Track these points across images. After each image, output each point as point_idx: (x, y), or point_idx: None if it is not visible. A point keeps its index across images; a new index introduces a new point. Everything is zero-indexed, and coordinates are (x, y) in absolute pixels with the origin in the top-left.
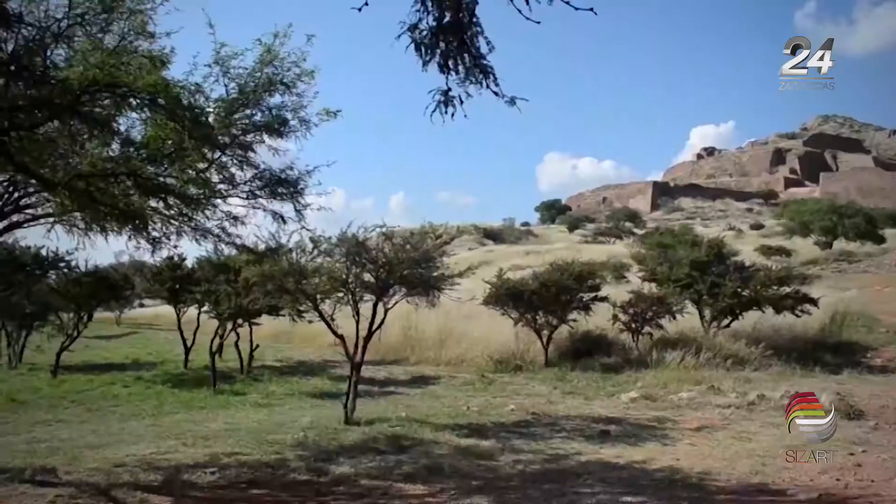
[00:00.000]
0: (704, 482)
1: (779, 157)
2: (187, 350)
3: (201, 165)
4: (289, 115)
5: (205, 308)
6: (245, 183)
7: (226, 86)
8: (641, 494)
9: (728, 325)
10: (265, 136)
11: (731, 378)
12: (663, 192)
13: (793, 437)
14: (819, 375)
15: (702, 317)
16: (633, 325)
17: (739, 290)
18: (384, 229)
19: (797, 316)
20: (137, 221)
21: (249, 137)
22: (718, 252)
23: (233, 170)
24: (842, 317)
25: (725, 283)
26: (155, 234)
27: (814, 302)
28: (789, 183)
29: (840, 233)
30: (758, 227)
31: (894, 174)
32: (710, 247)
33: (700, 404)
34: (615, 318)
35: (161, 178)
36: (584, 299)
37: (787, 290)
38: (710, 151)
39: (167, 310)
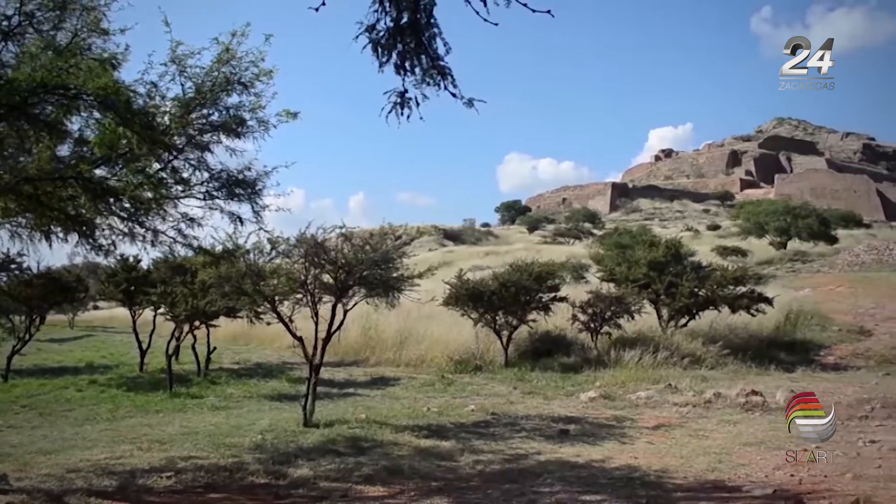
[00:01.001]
0: (662, 480)
1: (735, 158)
2: (143, 353)
3: (156, 167)
4: (247, 115)
5: (161, 310)
6: (201, 184)
7: (182, 85)
8: (600, 493)
9: (685, 325)
10: (222, 137)
11: (688, 377)
12: (622, 193)
13: (748, 434)
14: (774, 373)
15: (659, 316)
16: (592, 325)
17: (696, 289)
18: (343, 230)
19: (752, 315)
20: (85, 227)
21: (206, 137)
22: (676, 252)
23: (189, 171)
24: (796, 316)
25: (682, 283)
26: (103, 241)
27: (768, 301)
28: (745, 184)
29: (794, 233)
30: (714, 227)
31: (846, 176)
32: (668, 247)
33: (658, 403)
34: (574, 318)
35: (112, 181)
36: (544, 299)
37: (743, 289)
38: (667, 153)
39: (122, 312)
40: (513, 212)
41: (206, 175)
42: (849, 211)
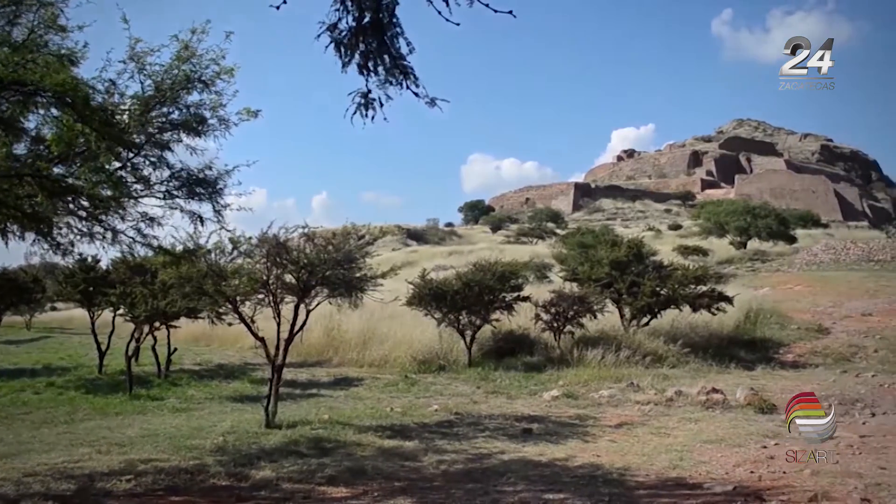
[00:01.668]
0: (624, 477)
1: (696, 159)
2: (102, 354)
3: (115, 165)
4: (207, 114)
5: (120, 311)
6: (161, 183)
7: (141, 83)
8: (563, 491)
9: (647, 324)
10: (183, 135)
11: (649, 375)
12: (585, 193)
13: (709, 431)
14: (734, 371)
15: (622, 315)
16: (555, 325)
17: (658, 288)
18: (306, 230)
19: (713, 314)
20: (42, 226)
21: (166, 136)
22: (637, 252)
23: (148, 169)
24: (755, 314)
25: (644, 283)
26: (61, 239)
27: (729, 300)
28: (706, 184)
29: (754, 233)
30: (676, 227)
31: (805, 176)
32: (630, 247)
33: (620, 401)
34: (537, 317)
35: (70, 179)
36: (507, 299)
37: (704, 288)
38: (629, 153)
39: (80, 313)
40: (476, 211)
41: (166, 174)
42: (807, 211)
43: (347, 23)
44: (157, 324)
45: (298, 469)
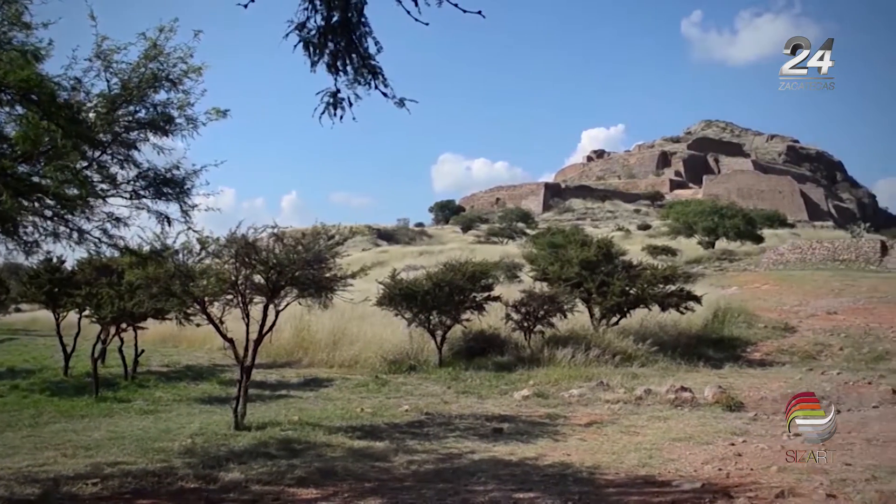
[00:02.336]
0: (594, 476)
1: (664, 159)
2: (67, 356)
3: (81, 164)
4: (175, 113)
5: (86, 312)
6: (128, 182)
7: (108, 81)
8: (533, 490)
9: (616, 323)
10: (150, 134)
11: (619, 374)
12: (555, 193)
13: (678, 429)
14: (702, 370)
15: (591, 315)
16: (526, 324)
17: (627, 288)
18: (275, 230)
19: (682, 313)
20: (8, 225)
21: (133, 135)
22: (607, 252)
23: (115, 169)
24: (723, 313)
25: (614, 282)
26: (27, 238)
27: (697, 299)
28: (674, 185)
29: (721, 233)
30: (645, 227)
31: (771, 177)
32: (599, 247)
33: (590, 400)
34: (508, 317)
35: (36, 178)
36: (478, 299)
37: (673, 288)
38: (599, 154)
39: (45, 314)
40: (447, 211)
41: (133, 173)
42: (774, 211)
43: (316, 22)
44: (123, 325)
45: (268, 470)
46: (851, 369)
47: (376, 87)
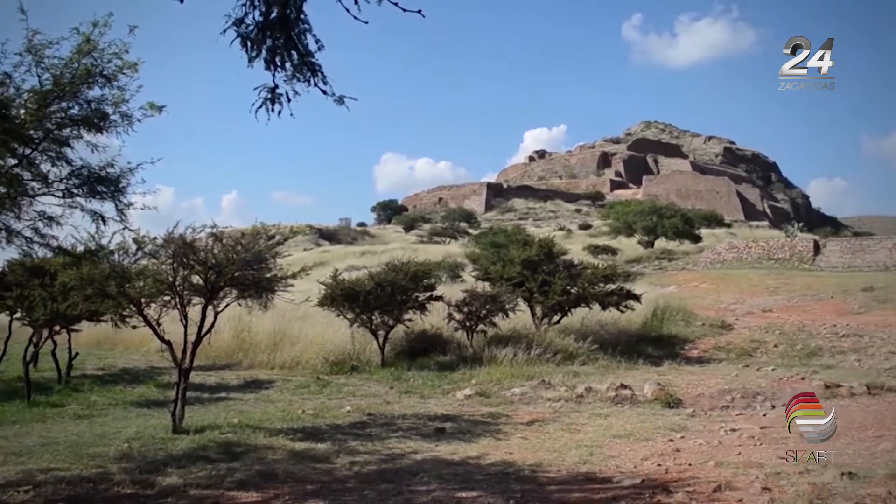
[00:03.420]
0: (536, 474)
1: (605, 160)
2: None
3: (10, 161)
4: (109, 109)
5: (17, 315)
6: (60, 181)
7: (39, 76)
8: (476, 489)
9: (558, 322)
10: (83, 131)
11: (560, 372)
12: (497, 193)
13: (618, 426)
14: (642, 367)
15: (533, 314)
16: (468, 324)
17: (568, 287)
18: (214, 229)
19: (622, 311)
20: None
21: (66, 132)
22: (548, 251)
23: (46, 166)
24: (662, 312)
25: (555, 281)
26: None
27: (637, 298)
28: (615, 185)
29: (660, 232)
30: (586, 227)
31: (709, 178)
32: (541, 246)
33: (532, 399)
34: (450, 316)
35: None
36: (420, 299)
37: (613, 287)
38: (541, 154)
39: None
40: (389, 211)
41: (65, 171)
42: (711, 211)
43: (254, 18)
44: (57, 328)
45: (207, 474)
46: (786, 365)
47: (315, 85)
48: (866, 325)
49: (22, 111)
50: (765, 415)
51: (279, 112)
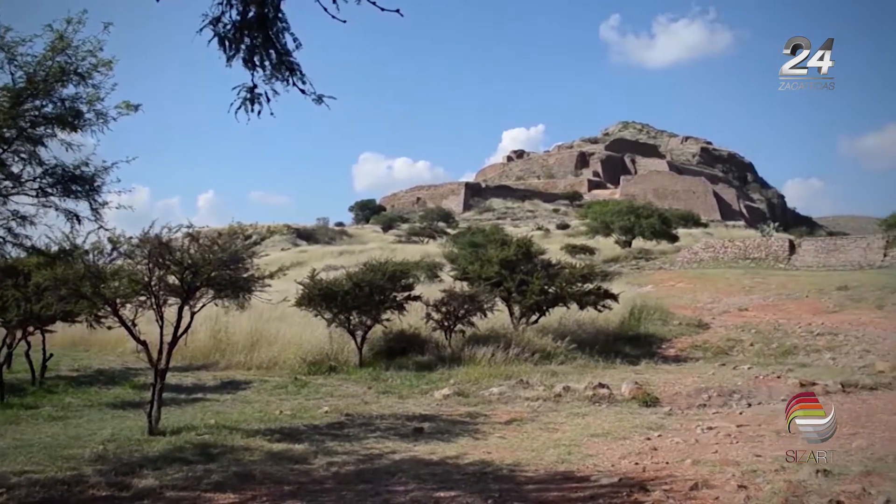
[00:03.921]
0: (514, 473)
1: (583, 160)
2: None
3: None
4: (84, 107)
5: None
6: (34, 180)
7: (12, 74)
8: (454, 489)
9: (536, 321)
10: (57, 130)
11: (539, 372)
12: (475, 193)
13: (596, 425)
14: (620, 366)
15: (511, 313)
16: (446, 324)
17: (546, 287)
18: (190, 229)
19: (599, 311)
20: None
21: (39, 130)
22: (526, 251)
23: (19, 165)
24: (639, 311)
25: (533, 281)
26: None
27: (614, 297)
28: (592, 185)
29: (638, 232)
30: (564, 226)
31: (686, 178)
32: (519, 246)
33: (510, 398)
34: (428, 316)
35: None
36: (398, 299)
37: (591, 286)
38: (519, 154)
39: None
40: (367, 211)
41: (39, 170)
42: (688, 211)
43: (231, 17)
44: (30, 328)
45: (183, 476)
46: (761, 364)
47: (294, 84)
48: (841, 323)
49: None
50: (741, 413)
51: (259, 112)
